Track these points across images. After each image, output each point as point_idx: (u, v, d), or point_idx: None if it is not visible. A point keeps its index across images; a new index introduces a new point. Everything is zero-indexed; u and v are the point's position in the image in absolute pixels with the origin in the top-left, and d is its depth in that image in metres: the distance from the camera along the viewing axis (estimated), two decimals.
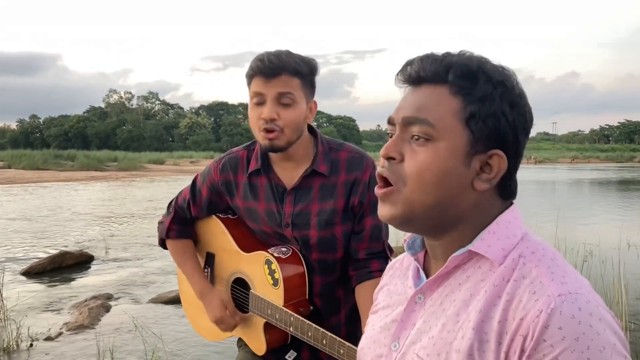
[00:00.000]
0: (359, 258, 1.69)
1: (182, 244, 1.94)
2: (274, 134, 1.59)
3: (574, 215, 10.96)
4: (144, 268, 7.40)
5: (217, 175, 1.81)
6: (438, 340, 0.80)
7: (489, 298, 0.77)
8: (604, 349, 0.69)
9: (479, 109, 0.79)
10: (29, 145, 69.53)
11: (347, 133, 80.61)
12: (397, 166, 0.82)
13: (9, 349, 4.22)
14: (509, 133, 0.81)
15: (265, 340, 1.73)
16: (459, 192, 0.81)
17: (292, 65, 1.61)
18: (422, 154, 0.80)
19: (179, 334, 4.70)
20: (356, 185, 1.67)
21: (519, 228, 0.83)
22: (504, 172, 0.81)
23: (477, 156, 0.80)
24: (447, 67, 0.81)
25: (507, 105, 0.80)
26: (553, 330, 0.69)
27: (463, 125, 0.80)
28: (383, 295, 0.99)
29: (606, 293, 4.49)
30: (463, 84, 0.80)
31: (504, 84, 0.81)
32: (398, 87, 0.88)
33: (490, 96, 0.80)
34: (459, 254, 0.82)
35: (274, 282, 1.68)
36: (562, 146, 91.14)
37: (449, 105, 0.80)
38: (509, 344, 0.73)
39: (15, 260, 7.68)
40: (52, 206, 14.57)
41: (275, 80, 1.59)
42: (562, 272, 0.76)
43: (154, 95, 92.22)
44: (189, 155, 50.10)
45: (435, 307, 0.84)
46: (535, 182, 24.24)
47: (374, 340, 0.93)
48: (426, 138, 0.80)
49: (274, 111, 1.59)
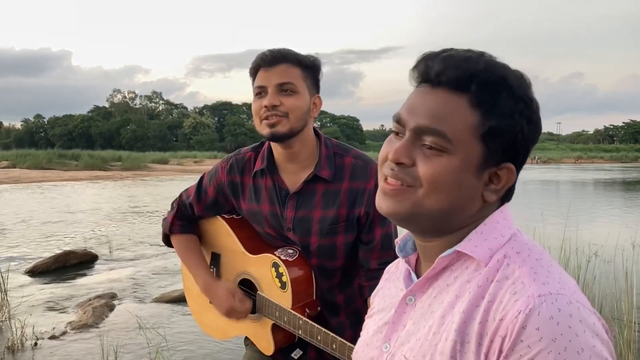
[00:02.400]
0: (371, 268, 1.65)
1: (186, 238, 1.92)
2: (276, 118, 1.58)
3: (578, 216, 10.92)
4: (147, 267, 7.41)
5: (224, 175, 1.80)
6: (424, 342, 0.80)
7: (472, 299, 0.76)
8: (582, 350, 0.68)
9: (498, 125, 0.77)
10: (33, 144, 69.68)
11: (351, 133, 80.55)
12: (409, 169, 0.80)
13: (13, 347, 4.23)
14: (522, 147, 0.80)
15: (273, 340, 1.73)
16: (467, 202, 0.80)
17: (293, 54, 1.62)
18: (436, 163, 0.78)
19: (183, 333, 4.70)
20: (361, 195, 1.64)
21: (507, 228, 0.82)
22: (510, 185, 0.82)
23: (488, 169, 0.80)
24: (471, 77, 0.77)
25: (526, 122, 0.79)
26: (530, 330, 0.69)
27: (479, 139, 0.78)
28: (378, 300, 0.99)
29: (612, 293, 4.47)
30: (485, 98, 0.77)
31: (524, 100, 0.79)
32: (412, 84, 0.84)
33: (511, 113, 0.78)
34: (447, 255, 0.82)
35: (282, 285, 1.67)
36: (566, 146, 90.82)
37: (468, 119, 0.77)
38: (489, 344, 0.72)
39: (20, 260, 7.71)
40: (56, 206, 14.61)
41: (276, 69, 1.59)
42: (545, 273, 0.75)
43: (158, 94, 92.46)
44: (192, 155, 50.16)
45: (424, 308, 0.83)
46: (540, 182, 24.18)
47: (367, 344, 0.93)
48: (441, 149, 0.78)
49: (275, 98, 1.58)
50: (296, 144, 1.64)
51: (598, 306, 4.63)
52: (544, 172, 35.44)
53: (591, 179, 28.02)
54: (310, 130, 1.68)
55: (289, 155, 1.67)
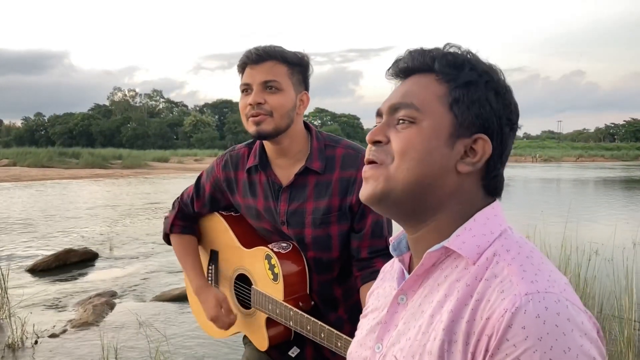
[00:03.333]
0: (361, 257, 1.66)
1: (185, 239, 1.96)
2: (260, 117, 1.59)
3: (579, 214, 10.92)
4: (148, 266, 7.41)
5: (219, 172, 1.83)
6: (414, 342, 0.79)
7: (461, 298, 0.76)
8: (569, 349, 0.66)
9: (463, 94, 0.81)
10: (34, 143, 69.67)
11: (352, 131, 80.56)
12: (384, 147, 0.83)
13: (13, 345, 4.24)
14: (494, 121, 0.82)
15: (267, 335, 1.74)
16: (441, 174, 0.81)
17: (279, 52, 1.62)
18: (407, 133, 0.81)
19: (183, 331, 4.71)
20: (352, 184, 1.65)
21: (498, 225, 0.81)
22: (487, 157, 0.81)
23: (461, 139, 0.81)
24: (433, 58, 0.83)
25: (492, 94, 0.82)
26: (516, 329, 0.68)
27: (447, 109, 0.81)
28: (372, 299, 0.99)
29: (613, 291, 4.47)
30: (449, 72, 0.82)
31: (488, 74, 0.83)
32: (388, 81, 0.89)
33: (475, 83, 0.81)
34: (435, 250, 0.81)
35: (274, 277, 1.68)
36: (567, 144, 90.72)
37: (434, 90, 0.82)
38: (476, 344, 0.71)
39: (20, 258, 7.72)
40: (56, 204, 14.62)
41: (261, 67, 1.60)
42: (534, 271, 0.74)
43: (158, 93, 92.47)
44: (193, 154, 50.16)
45: (415, 308, 0.83)
46: (541, 180, 24.17)
47: (360, 344, 0.93)
48: (411, 121, 0.82)
49: (260, 96, 1.59)
50: (285, 140, 1.65)
51: (598, 304, 4.63)
52: (545, 170, 35.42)
53: (592, 177, 28.01)
54: (298, 125, 1.69)
55: (279, 151, 1.68)
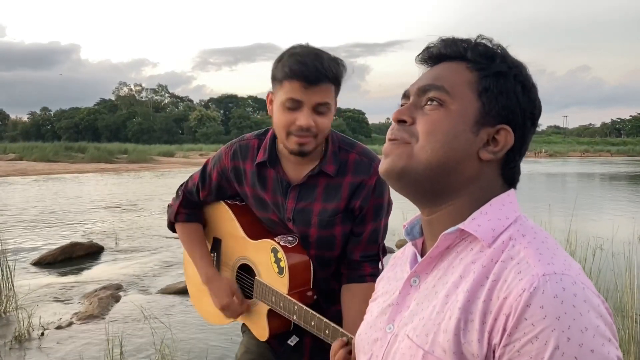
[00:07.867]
0: (353, 259, 1.70)
1: (191, 227, 1.95)
2: (307, 139, 1.58)
3: (584, 209, 10.89)
4: (153, 259, 7.44)
5: (227, 161, 1.81)
6: (427, 322, 0.80)
7: (477, 279, 0.77)
8: (585, 329, 0.68)
9: (492, 83, 0.83)
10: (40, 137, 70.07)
11: (357, 126, 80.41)
12: (409, 127, 0.85)
13: (20, 337, 4.27)
14: (518, 113, 0.84)
15: (268, 326, 1.75)
16: (463, 158, 0.83)
17: (333, 72, 1.56)
18: (434, 115, 0.83)
19: (188, 324, 4.73)
20: (360, 188, 1.66)
21: (513, 211, 0.83)
22: (508, 148, 0.84)
23: (485, 128, 0.83)
24: (466, 47, 0.86)
25: (520, 87, 0.84)
26: (535, 309, 0.69)
27: (476, 96, 0.84)
28: (383, 284, 1.01)
29: (617, 286, 4.46)
30: (480, 61, 0.85)
31: (518, 68, 0.85)
32: (418, 66, 0.91)
33: (505, 74, 0.84)
34: (450, 232, 0.83)
35: (280, 270, 1.68)
36: (573, 140, 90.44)
37: (465, 76, 0.85)
38: (493, 323, 0.73)
39: (26, 251, 7.76)
40: (62, 198, 14.68)
41: (316, 89, 1.54)
42: (550, 254, 0.75)
43: (164, 87, 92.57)
44: (198, 148, 50.25)
45: (428, 290, 0.84)
46: (546, 175, 24.08)
47: (370, 326, 0.94)
48: (440, 102, 0.84)
49: (311, 120, 1.56)
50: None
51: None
52: (551, 165, 35.29)
53: (598, 172, 27.89)
54: None
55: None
